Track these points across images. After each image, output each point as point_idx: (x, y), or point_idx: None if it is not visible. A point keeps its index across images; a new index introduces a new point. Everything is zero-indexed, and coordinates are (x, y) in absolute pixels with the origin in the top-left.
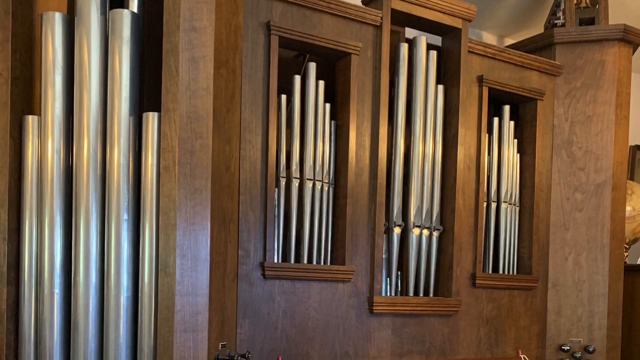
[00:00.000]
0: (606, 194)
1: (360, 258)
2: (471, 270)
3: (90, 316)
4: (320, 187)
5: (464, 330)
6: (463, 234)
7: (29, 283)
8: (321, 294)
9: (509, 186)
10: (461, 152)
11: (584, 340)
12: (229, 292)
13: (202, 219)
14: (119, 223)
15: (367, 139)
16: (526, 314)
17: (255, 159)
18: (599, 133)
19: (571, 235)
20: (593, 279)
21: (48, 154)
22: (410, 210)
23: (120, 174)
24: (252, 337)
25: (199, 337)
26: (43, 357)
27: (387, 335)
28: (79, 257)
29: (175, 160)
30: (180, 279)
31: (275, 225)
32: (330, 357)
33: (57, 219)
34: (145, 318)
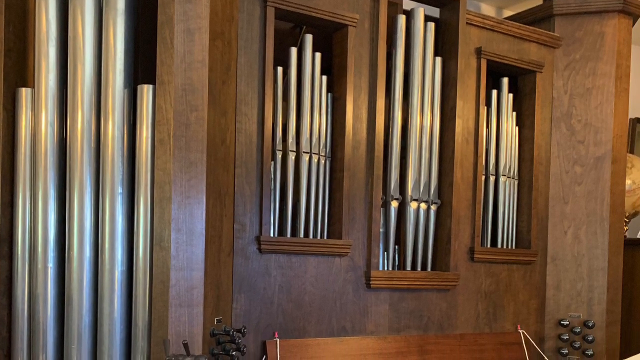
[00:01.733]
0: (606, 167)
1: (357, 232)
2: (469, 244)
3: (85, 291)
4: (317, 160)
5: (462, 305)
6: (461, 207)
7: (22, 257)
8: (318, 268)
9: (508, 159)
10: (459, 125)
11: (584, 315)
12: (225, 266)
13: (198, 193)
14: (113, 197)
15: (364, 111)
16: (525, 288)
17: (251, 131)
18: (599, 106)
19: (570, 208)
20: (592, 253)
21: (42, 126)
22: (407, 183)
23: (115, 147)
24: (248, 312)
25: (194, 312)
26: (37, 332)
27: (384, 310)
28: (73, 231)
29: (170, 133)
30: (175, 253)
31: (271, 199)
32: (327, 332)
33: (51, 192)
34: (140, 293)
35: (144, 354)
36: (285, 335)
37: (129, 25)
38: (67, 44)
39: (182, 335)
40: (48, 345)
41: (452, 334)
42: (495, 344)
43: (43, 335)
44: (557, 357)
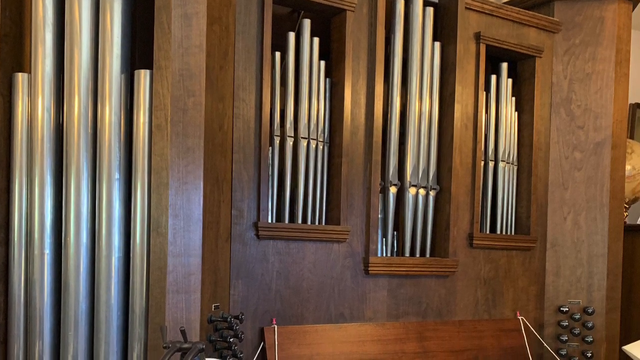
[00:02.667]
0: (605, 153)
1: (355, 218)
2: (468, 230)
3: (81, 277)
4: (315, 145)
5: (461, 291)
6: (460, 193)
7: (18, 243)
8: (316, 254)
9: (507, 145)
10: (458, 110)
11: (583, 302)
12: (222, 252)
13: (195, 178)
14: (110, 182)
15: (362, 97)
16: (524, 274)
17: (249, 117)
18: (598, 91)
19: (570, 194)
20: (592, 239)
21: (38, 112)
22: (406, 169)
23: (112, 132)
24: (246, 298)
25: (191, 299)
26: (33, 318)
27: (382, 297)
28: (70, 217)
29: (168, 119)
30: (172, 239)
31: (269, 185)
32: (325, 319)
33: (48, 178)
34: (137, 279)
35: (141, 340)
36: (283, 322)
37: (126, 10)
38: (63, 29)
39: (180, 322)
40: (44, 332)
41: (451, 320)
42: (495, 331)
43: (39, 322)
44: (556, 343)
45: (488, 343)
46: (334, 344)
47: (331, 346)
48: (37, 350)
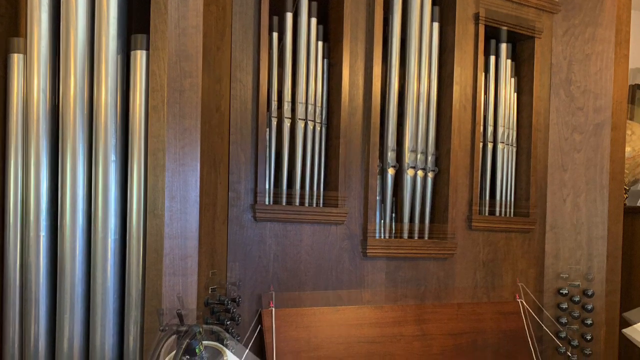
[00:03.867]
0: (605, 134)
1: (353, 200)
2: (467, 212)
3: (77, 260)
4: (313, 127)
5: (460, 274)
6: (459, 175)
7: (14, 226)
8: (313, 236)
9: (506, 126)
10: (457, 91)
11: (583, 284)
12: (219, 234)
13: (192, 160)
14: (106, 164)
15: (360, 78)
16: (523, 257)
17: (246, 98)
18: (598, 72)
19: (569, 176)
20: (592, 221)
21: (34, 93)
22: (404, 150)
23: (108, 113)
24: (243, 280)
25: (188, 281)
26: (29, 301)
27: (381, 279)
28: (66, 199)
29: (164, 100)
30: (169, 222)
31: (266, 167)
32: (322, 302)
33: (43, 160)
34: (134, 261)
35: (137, 323)
36: (281, 304)
37: None
38: (59, 9)
39: (176, 305)
40: (40, 314)
41: (450, 303)
42: (494, 313)
43: (35, 304)
44: (556, 326)
45: (487, 326)
46: (332, 327)
47: (329, 329)
48: (32, 334)
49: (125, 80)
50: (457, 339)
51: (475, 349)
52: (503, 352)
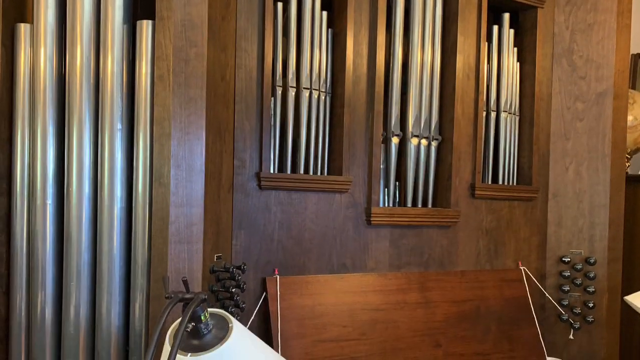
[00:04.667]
0: (607, 103)
1: (357, 168)
2: (470, 180)
3: (84, 227)
4: (317, 96)
5: (463, 241)
6: (462, 143)
7: (21, 194)
8: (318, 205)
9: (509, 95)
10: (460, 60)
11: (585, 252)
12: (224, 202)
13: (197, 129)
14: (112, 133)
15: (364, 47)
16: (526, 225)
17: (251, 67)
18: (600, 41)
19: (572, 145)
20: (594, 190)
21: (40, 62)
22: (408, 119)
23: (114, 83)
24: (248, 248)
25: (193, 249)
26: (36, 269)
27: (384, 247)
28: (72, 168)
29: (170, 69)
30: (174, 190)
31: (271, 135)
32: (327, 269)
33: (50, 128)
34: (140, 229)
35: (143, 291)
36: (285, 272)
37: None
38: None
39: (182, 272)
40: (47, 282)
41: (453, 270)
42: (496, 281)
43: (42, 272)
44: (558, 293)
45: (490, 293)
46: (336, 294)
47: (333, 296)
48: (39, 301)
49: (131, 49)
50: (460, 307)
51: (478, 316)
52: (506, 320)
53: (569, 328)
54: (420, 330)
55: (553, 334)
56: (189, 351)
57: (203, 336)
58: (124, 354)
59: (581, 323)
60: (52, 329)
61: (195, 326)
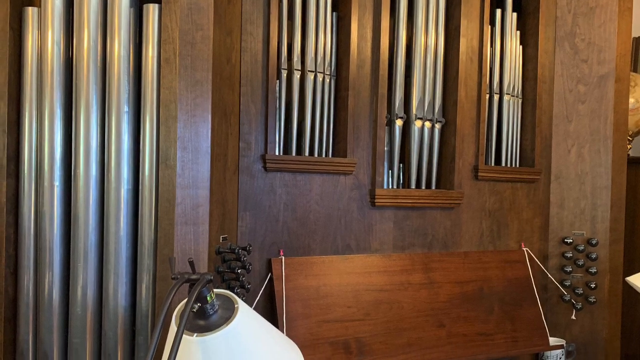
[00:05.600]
0: (609, 86)
1: (362, 150)
2: (473, 162)
3: (91, 209)
4: (322, 79)
5: (466, 223)
6: (465, 126)
7: (28, 176)
8: (323, 186)
9: (512, 78)
10: (463, 44)
11: (587, 233)
12: (230, 184)
13: (203, 111)
14: (119, 115)
15: (368, 30)
16: (529, 206)
17: (256, 50)
18: (602, 25)
19: (574, 127)
20: (596, 172)
21: (48, 45)
22: (412, 102)
23: (121, 66)
24: (253, 229)
25: (199, 230)
26: (43, 250)
27: (389, 228)
28: (79, 150)
29: (176, 52)
30: (181, 172)
31: (276, 118)
32: (331, 250)
33: (57, 111)
34: (146, 211)
35: (150, 271)
36: (290, 253)
37: None
38: None
39: (188, 253)
40: (54, 263)
41: (456, 252)
42: (499, 262)
43: (49, 253)
44: (560, 274)
45: (493, 274)
46: (341, 275)
47: (338, 277)
48: (47, 281)
49: (137, 33)
50: (463, 287)
51: (481, 296)
52: (509, 300)
53: (571, 308)
54: (424, 310)
55: (555, 315)
56: (195, 331)
57: (209, 316)
58: (131, 334)
59: (583, 303)
60: (59, 309)
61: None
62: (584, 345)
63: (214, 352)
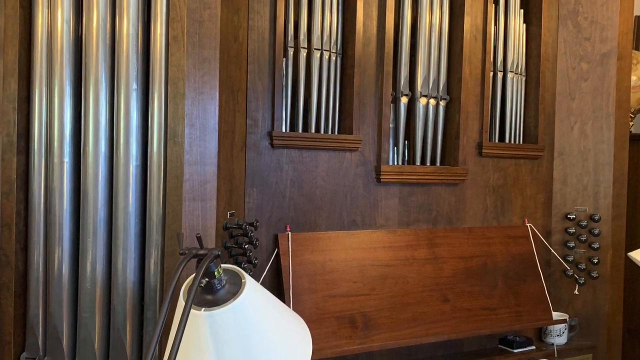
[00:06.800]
0: (611, 64)
1: (367, 127)
2: (477, 139)
3: (100, 185)
4: (328, 57)
5: (471, 199)
6: (469, 103)
7: (38, 152)
8: (329, 163)
9: (515, 56)
10: (468, 22)
11: (590, 209)
12: (237, 161)
13: (211, 89)
14: (128, 93)
15: (374, 9)
16: (532, 183)
17: (263, 29)
18: (605, 3)
19: (577, 104)
20: (598, 148)
21: (58, 23)
22: (417, 80)
23: (130, 44)
24: (260, 205)
25: (207, 206)
26: (53, 225)
27: (394, 204)
28: (89, 127)
29: (184, 30)
30: (188, 148)
31: (283, 95)
32: (337, 226)
33: (67, 88)
34: (154, 187)
35: (158, 247)
36: (297, 229)
37: None
38: None
39: (196, 229)
40: (64, 238)
41: (461, 227)
42: (503, 237)
43: (59, 228)
44: (563, 250)
45: (497, 249)
46: (347, 250)
47: (344, 252)
48: (56, 257)
49: (146, 11)
50: (467, 262)
51: (485, 271)
52: (512, 275)
53: (574, 283)
54: (428, 285)
55: (558, 289)
56: (202, 306)
57: (216, 291)
58: (139, 308)
59: (586, 278)
60: (69, 284)
61: (209, 281)
62: (587, 320)
63: (221, 326)
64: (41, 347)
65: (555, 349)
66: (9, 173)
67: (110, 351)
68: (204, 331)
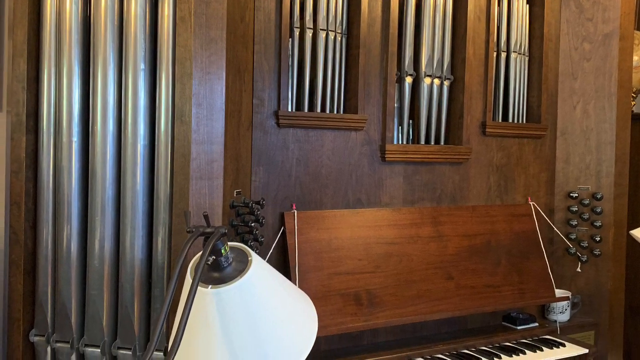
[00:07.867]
0: (614, 44)
1: (372, 107)
2: (481, 118)
3: (108, 164)
4: (334, 37)
5: (474, 177)
6: (473, 83)
7: (47, 131)
8: (334, 142)
9: (519, 36)
10: (471, 2)
11: (592, 188)
12: (244, 140)
13: (218, 69)
14: (135, 73)
15: None
16: (535, 162)
17: (269, 9)
18: None
19: (579, 84)
20: (601, 127)
21: (66, 4)
22: (421, 60)
23: (137, 24)
24: (267, 184)
25: (214, 185)
26: (62, 204)
27: (398, 183)
28: (97, 106)
29: (191, 11)
30: (196, 127)
31: (289, 75)
32: (342, 204)
33: (75, 68)
34: (162, 166)
35: (166, 225)
36: (303, 207)
37: None
38: None
39: (203, 207)
40: (72, 216)
41: (465, 205)
42: (506, 216)
43: (68, 207)
44: (566, 228)
45: (500, 227)
46: (352, 228)
47: (349, 230)
48: (65, 235)
49: None
50: (471, 240)
51: (488, 249)
52: (515, 253)
53: (577, 261)
54: (433, 263)
55: (561, 267)
56: (209, 283)
57: (223, 269)
58: (147, 286)
59: (588, 256)
60: (77, 261)
61: (216, 259)
62: (589, 297)
63: (228, 303)
64: (50, 324)
65: (557, 326)
66: (18, 152)
67: (118, 328)
68: (211, 308)
